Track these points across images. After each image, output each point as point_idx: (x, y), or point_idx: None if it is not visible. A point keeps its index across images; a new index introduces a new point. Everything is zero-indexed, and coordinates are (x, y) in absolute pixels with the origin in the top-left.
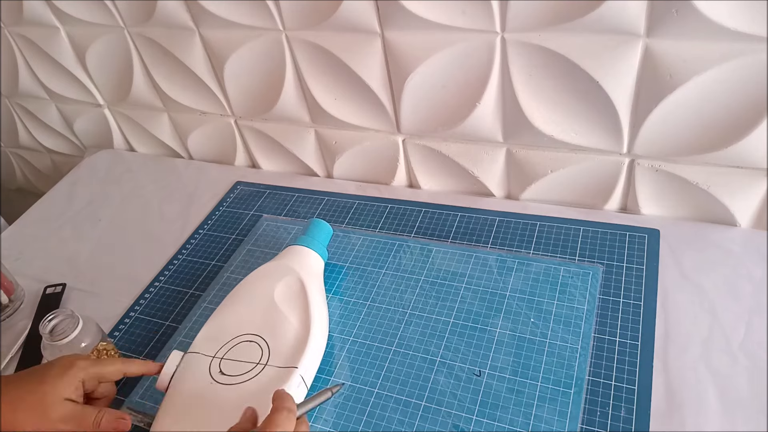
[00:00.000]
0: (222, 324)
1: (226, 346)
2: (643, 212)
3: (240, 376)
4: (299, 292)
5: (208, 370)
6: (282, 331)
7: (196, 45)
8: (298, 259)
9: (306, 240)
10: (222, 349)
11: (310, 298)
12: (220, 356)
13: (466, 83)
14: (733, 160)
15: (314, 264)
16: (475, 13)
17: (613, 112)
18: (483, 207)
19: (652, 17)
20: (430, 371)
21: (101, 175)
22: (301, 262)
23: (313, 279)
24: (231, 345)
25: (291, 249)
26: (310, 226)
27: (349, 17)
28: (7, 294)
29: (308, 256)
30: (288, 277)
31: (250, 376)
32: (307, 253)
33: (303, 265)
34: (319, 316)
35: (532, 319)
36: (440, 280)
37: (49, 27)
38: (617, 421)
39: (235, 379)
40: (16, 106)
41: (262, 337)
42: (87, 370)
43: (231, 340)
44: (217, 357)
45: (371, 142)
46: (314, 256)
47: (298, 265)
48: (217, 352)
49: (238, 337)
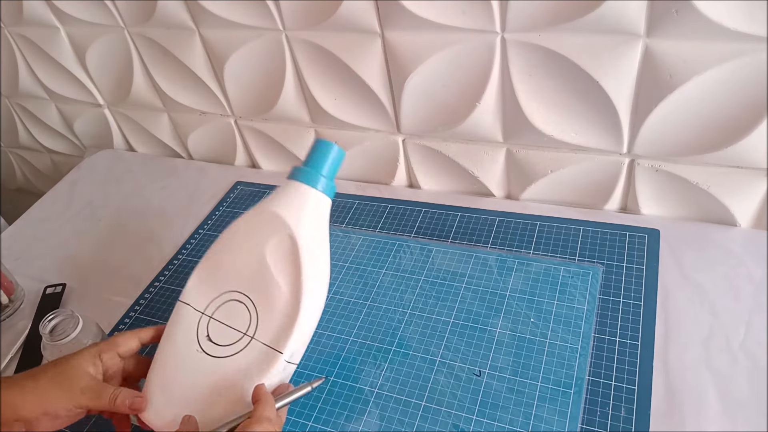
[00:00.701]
0: (211, 274)
1: (215, 301)
2: (643, 212)
3: (226, 348)
4: (291, 255)
5: (196, 330)
6: (271, 297)
7: (196, 45)
8: (294, 204)
9: (306, 173)
10: (211, 306)
11: (304, 264)
12: (209, 314)
13: (466, 83)
14: (733, 160)
15: (314, 208)
16: (475, 13)
17: (613, 112)
18: (483, 207)
19: (652, 17)
20: (430, 371)
21: (101, 175)
22: (298, 209)
23: (310, 232)
24: (220, 302)
25: (287, 187)
26: (312, 151)
27: (349, 17)
28: (7, 294)
29: (307, 197)
30: (279, 233)
31: (236, 350)
32: (305, 194)
33: (299, 215)
34: (313, 286)
35: (532, 319)
36: (440, 280)
37: (49, 27)
38: (617, 421)
39: (221, 351)
40: (16, 106)
41: (250, 299)
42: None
43: (220, 296)
44: (206, 314)
45: (371, 142)
46: (315, 196)
47: (294, 214)
48: (207, 307)
49: (228, 293)
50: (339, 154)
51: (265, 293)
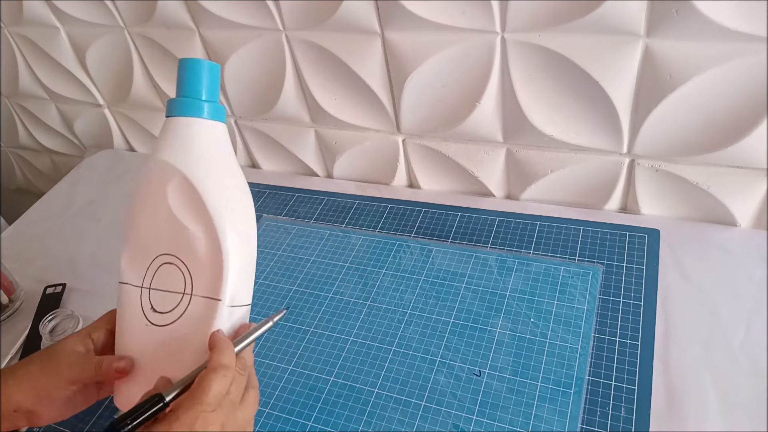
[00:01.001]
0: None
1: (149, 271)
2: (643, 212)
3: (170, 314)
4: (193, 198)
5: (140, 305)
6: (194, 248)
7: (196, 45)
8: (179, 142)
9: (183, 104)
10: (147, 277)
11: (209, 203)
12: (147, 285)
13: (466, 83)
14: (733, 160)
15: (204, 139)
16: (475, 13)
17: (613, 112)
18: (483, 207)
19: (652, 17)
20: (430, 371)
21: (101, 175)
22: (185, 148)
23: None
24: (153, 270)
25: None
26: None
27: (349, 17)
28: (7, 294)
29: (191, 131)
30: (174, 180)
31: (179, 312)
32: (189, 127)
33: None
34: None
35: (532, 319)
36: (440, 280)
37: (49, 27)
38: (617, 421)
39: (167, 318)
40: (16, 106)
41: (178, 257)
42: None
43: (151, 264)
44: (144, 287)
45: (371, 142)
46: (200, 126)
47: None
48: (144, 280)
49: (157, 259)
50: (212, 70)
51: (187, 246)
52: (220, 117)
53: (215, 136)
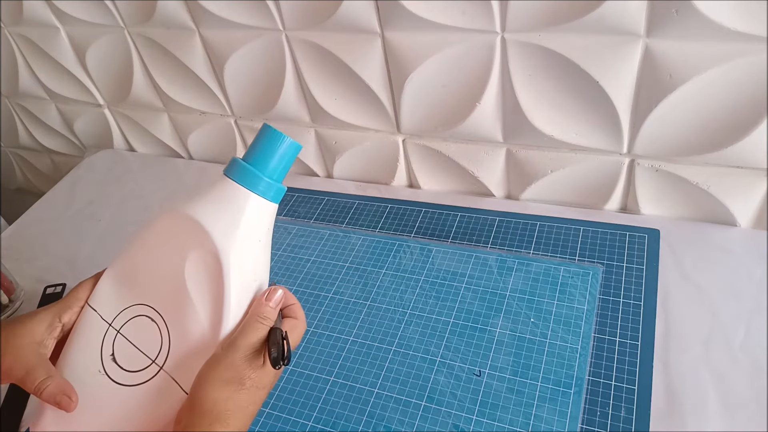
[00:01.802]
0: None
1: (124, 313)
2: (643, 212)
3: (131, 375)
4: (214, 279)
5: (101, 344)
6: (186, 324)
7: (196, 45)
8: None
9: (247, 173)
10: (120, 318)
11: (228, 294)
12: (116, 326)
13: (466, 83)
14: (733, 160)
15: (253, 218)
16: (475, 13)
17: (613, 112)
18: (483, 207)
19: (652, 17)
20: (430, 371)
21: (101, 175)
22: (231, 222)
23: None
24: (129, 315)
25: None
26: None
27: (349, 17)
28: (7, 294)
29: (244, 205)
30: (202, 248)
31: (142, 379)
32: (243, 200)
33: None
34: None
35: (532, 319)
36: (440, 280)
37: (49, 27)
38: (617, 421)
39: (125, 378)
40: (16, 106)
41: (164, 319)
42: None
43: (130, 307)
44: (113, 327)
45: (371, 142)
46: (256, 203)
47: (224, 228)
48: (115, 319)
49: (139, 306)
50: (291, 149)
51: (180, 317)
52: (277, 198)
53: (266, 216)
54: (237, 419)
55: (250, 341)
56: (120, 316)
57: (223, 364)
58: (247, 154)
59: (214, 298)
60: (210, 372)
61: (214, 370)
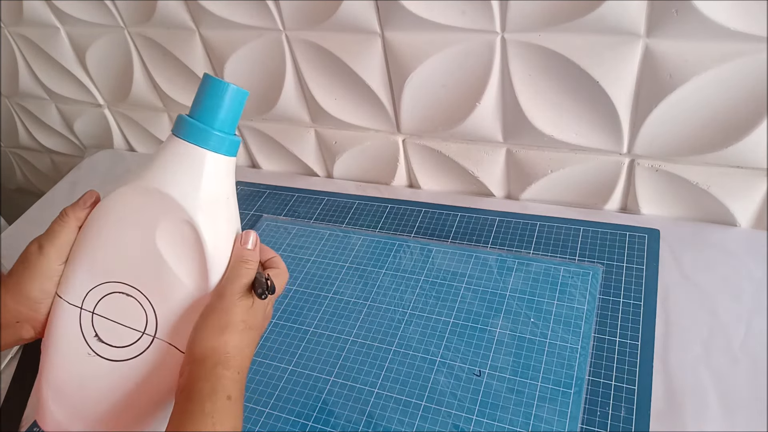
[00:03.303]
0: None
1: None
2: (643, 212)
3: (123, 350)
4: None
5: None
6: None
7: (196, 45)
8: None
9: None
10: (88, 300)
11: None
12: (89, 309)
13: (466, 83)
14: (733, 160)
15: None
16: (475, 13)
17: (613, 112)
18: (483, 207)
19: (652, 17)
20: (430, 371)
21: (101, 175)
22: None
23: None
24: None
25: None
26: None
27: (349, 17)
28: None
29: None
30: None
31: (136, 351)
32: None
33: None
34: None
35: (532, 319)
36: (440, 280)
37: (49, 27)
38: (617, 421)
39: (118, 354)
40: (16, 106)
41: (142, 293)
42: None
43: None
44: (85, 309)
45: (371, 142)
46: (214, 160)
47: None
48: (84, 300)
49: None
50: (239, 96)
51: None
52: (234, 150)
53: (224, 171)
54: (237, 361)
55: (237, 286)
56: (88, 298)
57: (216, 311)
58: (193, 108)
59: (194, 260)
60: (204, 322)
61: (208, 319)
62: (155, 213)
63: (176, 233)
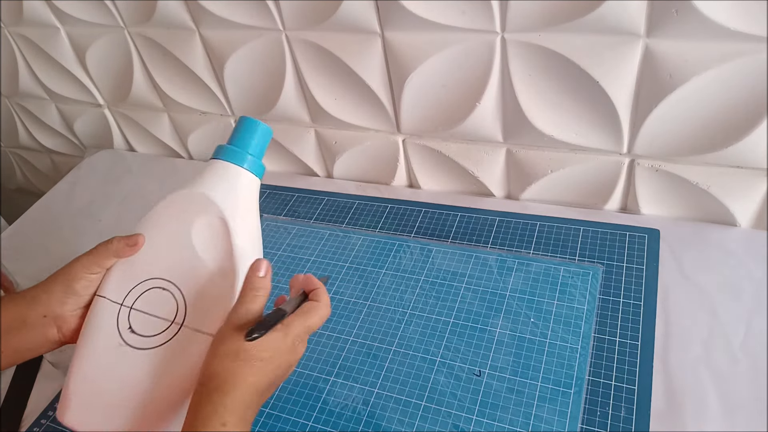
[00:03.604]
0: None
1: (134, 291)
2: (643, 212)
3: (152, 338)
4: (222, 237)
5: (116, 322)
6: (201, 283)
7: (196, 45)
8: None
9: (234, 152)
10: (130, 296)
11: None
12: (128, 304)
13: (466, 83)
14: (733, 160)
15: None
16: (475, 13)
17: (613, 112)
18: (483, 207)
19: (652, 17)
20: (430, 371)
21: (101, 175)
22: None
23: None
24: (140, 291)
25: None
26: (238, 129)
27: (349, 17)
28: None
29: (237, 177)
30: (208, 214)
31: (165, 338)
32: (235, 174)
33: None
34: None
35: (532, 319)
36: (440, 280)
37: (49, 27)
38: (617, 421)
39: (147, 342)
40: (16, 106)
41: (176, 285)
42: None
43: (139, 284)
44: (125, 305)
45: (371, 142)
46: (245, 176)
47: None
48: (125, 298)
49: (148, 281)
50: (265, 132)
51: (193, 278)
52: (260, 173)
53: (253, 188)
54: (237, 390)
55: (242, 314)
56: (129, 296)
57: (222, 337)
58: (230, 140)
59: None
60: (213, 347)
61: (216, 344)
62: (194, 212)
63: (210, 228)
